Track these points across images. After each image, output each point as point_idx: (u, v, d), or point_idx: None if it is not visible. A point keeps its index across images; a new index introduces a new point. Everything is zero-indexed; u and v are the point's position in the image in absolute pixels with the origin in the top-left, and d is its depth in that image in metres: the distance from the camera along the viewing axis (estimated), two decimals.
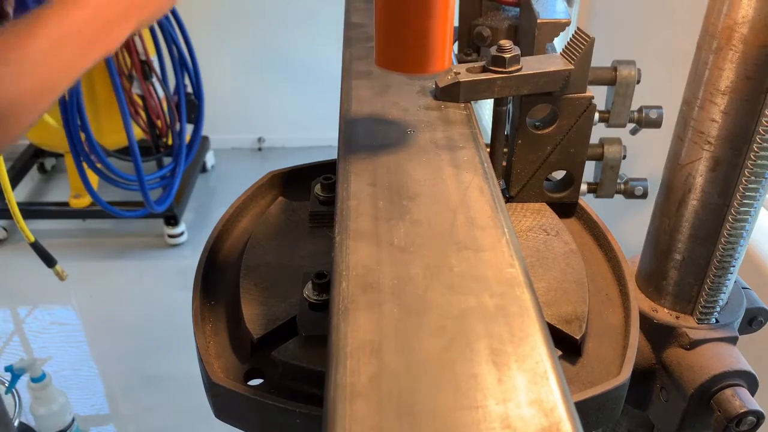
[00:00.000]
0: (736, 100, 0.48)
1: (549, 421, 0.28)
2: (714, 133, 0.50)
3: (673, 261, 0.57)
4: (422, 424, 0.28)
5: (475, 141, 0.49)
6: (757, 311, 0.60)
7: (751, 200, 0.51)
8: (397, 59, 0.43)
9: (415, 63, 0.43)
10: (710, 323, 0.57)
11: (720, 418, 0.53)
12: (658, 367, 0.59)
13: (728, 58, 0.48)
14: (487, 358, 0.31)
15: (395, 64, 0.43)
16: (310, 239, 0.58)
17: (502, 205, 0.42)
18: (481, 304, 0.34)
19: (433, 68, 0.43)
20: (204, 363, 0.47)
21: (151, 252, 2.40)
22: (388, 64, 0.44)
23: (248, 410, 0.45)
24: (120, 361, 1.89)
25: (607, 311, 0.53)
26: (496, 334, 0.32)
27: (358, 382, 0.29)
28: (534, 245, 0.56)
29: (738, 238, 0.52)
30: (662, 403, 0.59)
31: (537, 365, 0.30)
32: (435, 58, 0.43)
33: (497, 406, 0.28)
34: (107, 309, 2.10)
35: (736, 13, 0.46)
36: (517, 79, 0.53)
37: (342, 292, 0.34)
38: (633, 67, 0.64)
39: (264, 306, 0.51)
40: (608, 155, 0.66)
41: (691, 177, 0.53)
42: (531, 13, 0.63)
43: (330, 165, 0.68)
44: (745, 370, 0.54)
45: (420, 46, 0.42)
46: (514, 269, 0.36)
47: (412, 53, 0.43)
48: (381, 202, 0.41)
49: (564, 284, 0.52)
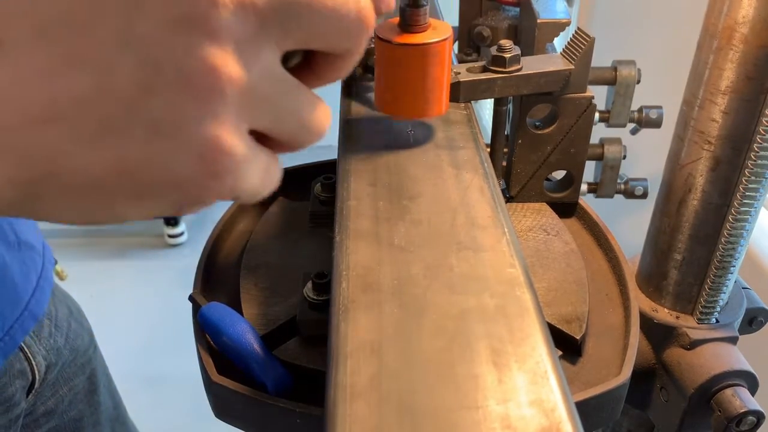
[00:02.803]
0: (737, 100, 0.48)
1: (549, 421, 0.28)
2: (714, 133, 0.50)
3: (674, 261, 0.57)
4: (422, 424, 0.28)
5: (476, 141, 0.49)
6: (757, 311, 0.60)
7: (752, 200, 0.51)
8: (397, 107, 0.46)
9: (414, 110, 0.46)
10: (710, 323, 0.57)
11: (720, 418, 0.53)
12: (658, 367, 0.59)
13: (728, 58, 0.48)
14: (487, 358, 0.31)
15: (395, 111, 0.46)
16: (310, 239, 0.58)
17: (502, 205, 0.42)
18: (482, 304, 0.34)
19: (431, 114, 0.46)
20: (204, 363, 0.47)
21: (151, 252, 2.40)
22: (388, 110, 0.47)
23: (248, 410, 0.45)
24: (120, 361, 1.89)
25: (608, 311, 0.53)
26: (497, 334, 0.32)
27: (358, 382, 0.29)
28: (534, 245, 0.56)
29: (738, 238, 0.52)
30: (662, 403, 0.59)
31: (537, 365, 0.30)
32: (433, 105, 0.46)
33: (498, 407, 0.28)
34: (107, 309, 2.10)
35: (736, 13, 0.46)
36: (517, 79, 0.53)
37: (342, 292, 0.34)
38: (633, 67, 0.64)
39: (264, 306, 0.51)
40: (608, 155, 0.66)
41: (692, 177, 0.53)
42: (531, 13, 0.63)
43: (330, 165, 0.68)
44: (746, 370, 0.54)
45: (419, 98, 0.45)
46: (515, 269, 0.36)
47: (411, 104, 0.45)
48: (381, 202, 0.41)
49: (564, 284, 0.52)
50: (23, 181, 0.25)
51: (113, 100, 0.24)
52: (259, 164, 0.28)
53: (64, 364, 0.78)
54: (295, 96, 0.29)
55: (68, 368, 0.79)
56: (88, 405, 0.83)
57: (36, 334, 0.72)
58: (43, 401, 0.75)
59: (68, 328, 0.79)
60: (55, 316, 0.77)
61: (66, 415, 0.79)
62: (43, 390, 0.74)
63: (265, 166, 0.29)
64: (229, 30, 0.24)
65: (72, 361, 0.79)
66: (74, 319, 0.82)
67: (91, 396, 0.84)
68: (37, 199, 0.26)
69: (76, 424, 0.81)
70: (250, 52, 0.25)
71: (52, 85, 0.24)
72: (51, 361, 0.74)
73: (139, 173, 0.26)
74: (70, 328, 0.80)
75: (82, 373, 0.82)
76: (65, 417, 0.79)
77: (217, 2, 0.23)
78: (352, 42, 0.29)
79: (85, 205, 0.27)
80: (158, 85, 0.24)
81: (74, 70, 0.24)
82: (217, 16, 0.24)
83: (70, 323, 0.80)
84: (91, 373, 0.84)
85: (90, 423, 0.84)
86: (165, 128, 0.25)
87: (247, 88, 0.26)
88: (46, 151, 0.25)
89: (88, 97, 0.24)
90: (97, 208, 0.27)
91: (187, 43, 0.24)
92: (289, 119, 0.29)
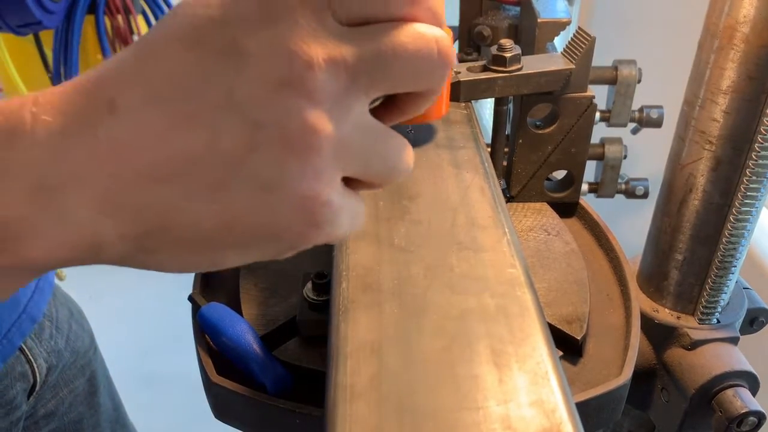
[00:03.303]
0: (738, 100, 0.48)
1: (550, 422, 0.27)
2: (715, 133, 0.50)
3: (674, 261, 0.57)
4: (423, 424, 0.28)
5: (476, 141, 0.49)
6: (758, 311, 0.60)
7: (753, 200, 0.51)
8: None
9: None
10: (711, 323, 0.57)
11: (721, 419, 0.53)
12: (659, 367, 0.58)
13: (730, 58, 0.48)
14: (487, 358, 0.30)
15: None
16: None
17: (502, 205, 0.41)
18: (482, 304, 0.33)
19: (431, 118, 0.46)
20: (203, 363, 0.46)
21: None
22: None
23: (248, 411, 0.45)
24: (119, 362, 1.89)
25: (608, 311, 0.53)
26: (497, 334, 0.32)
27: (358, 382, 0.29)
28: (535, 245, 0.56)
29: (739, 238, 0.52)
30: (663, 403, 0.58)
31: (538, 366, 0.30)
32: (433, 109, 0.46)
33: (498, 407, 0.28)
34: (107, 309, 2.10)
35: (737, 13, 0.46)
36: (518, 79, 0.52)
37: (342, 292, 0.34)
38: (634, 66, 0.64)
39: (264, 306, 0.51)
40: (609, 155, 0.66)
41: (693, 177, 0.53)
42: (531, 13, 0.63)
43: None
44: (747, 371, 0.54)
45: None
46: (515, 269, 0.36)
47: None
48: (381, 202, 0.41)
49: (565, 284, 0.51)
50: (137, 235, 0.27)
51: (221, 158, 0.25)
52: (350, 210, 0.29)
53: (65, 366, 0.77)
54: (384, 141, 0.30)
55: (69, 370, 0.79)
56: (88, 407, 0.83)
57: (37, 336, 0.72)
58: (43, 403, 0.75)
59: (69, 330, 0.79)
60: (56, 318, 0.77)
61: (66, 417, 0.79)
62: (44, 392, 0.74)
63: (355, 211, 0.30)
64: (324, 89, 0.25)
65: (72, 363, 0.79)
66: (75, 321, 0.82)
67: (91, 398, 0.84)
68: (148, 252, 0.28)
69: (76, 426, 0.81)
70: (342, 107, 0.27)
71: (166, 145, 0.25)
72: (52, 363, 0.74)
73: (244, 226, 0.27)
74: (70, 329, 0.80)
75: (82, 375, 0.82)
76: (65, 419, 0.79)
77: (312, 64, 0.25)
78: (435, 81, 0.30)
79: (192, 257, 0.28)
80: (261, 144, 0.25)
81: (185, 131, 0.25)
82: (313, 77, 0.25)
83: (71, 325, 0.80)
84: (91, 374, 0.84)
85: (90, 425, 0.83)
86: (268, 184, 0.26)
87: (341, 141, 0.27)
88: (159, 206, 0.26)
89: (199, 156, 0.25)
90: (203, 259, 0.29)
91: (286, 104, 0.25)
92: (379, 164, 0.30)
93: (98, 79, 0.26)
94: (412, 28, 0.27)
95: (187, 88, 0.25)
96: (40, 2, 0.76)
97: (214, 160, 0.25)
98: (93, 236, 0.26)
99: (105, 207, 0.26)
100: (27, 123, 0.25)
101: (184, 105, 0.25)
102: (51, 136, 0.25)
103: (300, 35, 0.25)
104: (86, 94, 0.26)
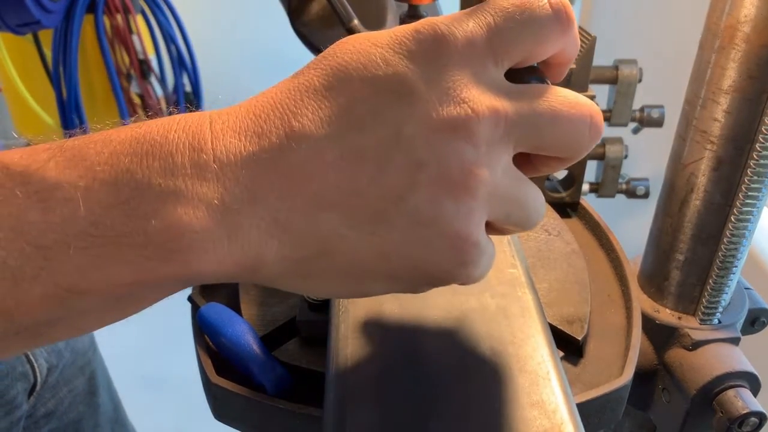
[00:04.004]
0: (739, 100, 0.48)
1: (551, 423, 0.27)
2: (716, 133, 0.50)
3: (676, 261, 0.57)
4: (423, 424, 0.27)
5: None
6: (759, 312, 0.60)
7: (754, 200, 0.50)
8: None
9: None
10: (713, 324, 0.57)
11: (722, 419, 0.53)
12: (660, 367, 0.58)
13: (731, 57, 0.47)
14: (488, 359, 0.30)
15: None
16: None
17: None
18: (483, 304, 0.33)
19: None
20: (203, 363, 0.46)
21: None
22: None
23: (247, 411, 0.45)
24: (119, 362, 1.89)
25: (609, 312, 0.53)
26: (498, 335, 0.32)
27: (358, 383, 0.29)
28: (535, 245, 0.56)
29: (740, 238, 0.52)
30: (664, 404, 0.58)
31: (539, 366, 0.30)
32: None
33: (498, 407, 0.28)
34: None
35: (738, 12, 0.46)
36: None
37: None
38: (634, 66, 0.63)
39: (263, 307, 0.50)
40: (610, 155, 0.66)
41: (694, 177, 0.53)
42: None
43: None
44: (748, 371, 0.54)
45: None
46: (516, 270, 0.36)
47: None
48: None
49: (566, 285, 0.51)
50: (297, 258, 0.28)
51: (384, 191, 0.27)
52: (490, 253, 0.30)
53: (65, 365, 0.77)
54: (525, 191, 0.31)
55: (68, 370, 0.79)
56: (88, 406, 0.83)
57: None
58: (43, 403, 0.75)
59: None
60: None
61: (66, 417, 0.79)
62: (44, 392, 0.74)
63: (492, 254, 0.31)
64: (484, 136, 0.27)
65: (72, 363, 0.79)
66: None
67: (90, 397, 0.84)
68: (303, 276, 0.29)
69: (76, 426, 0.81)
70: (496, 154, 0.28)
71: (336, 174, 0.27)
72: (52, 363, 0.74)
73: (396, 257, 0.28)
74: None
75: (81, 375, 0.82)
76: (65, 419, 0.79)
77: (478, 112, 0.27)
78: (580, 152, 0.31)
79: (343, 283, 0.30)
80: (422, 181, 0.27)
81: (354, 164, 0.27)
82: (477, 124, 0.27)
83: None
84: (90, 374, 0.84)
85: (89, 425, 0.83)
86: (425, 220, 0.27)
87: (492, 186, 0.28)
88: (322, 233, 0.27)
89: (364, 187, 0.27)
90: (352, 285, 0.30)
91: (449, 146, 0.27)
92: (518, 212, 0.31)
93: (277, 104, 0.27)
94: (570, 94, 0.29)
95: (362, 123, 0.26)
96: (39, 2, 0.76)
97: (378, 192, 0.27)
98: (257, 256, 0.27)
99: (273, 229, 0.27)
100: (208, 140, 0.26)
101: (357, 138, 0.26)
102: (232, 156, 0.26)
103: (468, 82, 0.27)
104: (265, 119, 0.27)
